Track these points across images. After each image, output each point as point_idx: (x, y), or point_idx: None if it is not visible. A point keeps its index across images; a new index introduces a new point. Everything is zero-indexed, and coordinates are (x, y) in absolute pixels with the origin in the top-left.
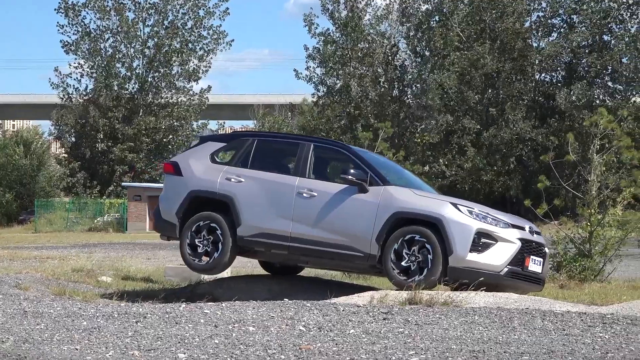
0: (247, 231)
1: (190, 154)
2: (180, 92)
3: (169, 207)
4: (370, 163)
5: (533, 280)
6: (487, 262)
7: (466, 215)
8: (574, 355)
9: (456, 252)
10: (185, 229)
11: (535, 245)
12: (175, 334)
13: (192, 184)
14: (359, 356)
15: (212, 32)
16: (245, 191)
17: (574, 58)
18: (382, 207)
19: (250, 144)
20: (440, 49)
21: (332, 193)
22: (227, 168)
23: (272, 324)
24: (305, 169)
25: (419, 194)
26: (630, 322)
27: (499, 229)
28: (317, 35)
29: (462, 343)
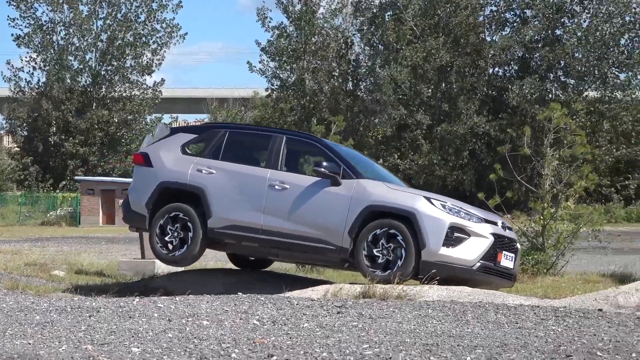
0: (218, 223)
1: (161, 145)
2: (133, 85)
3: (139, 199)
4: (343, 156)
5: (505, 276)
6: (460, 256)
7: (439, 209)
8: (527, 348)
9: (429, 246)
10: (155, 220)
11: (507, 241)
12: (128, 328)
13: (162, 175)
14: (313, 350)
15: (166, 26)
16: (217, 183)
17: (526, 52)
18: (355, 201)
19: (222, 136)
20: (393, 42)
21: (304, 186)
22: (198, 160)
23: (226, 318)
24: (277, 161)
25: (392, 187)
26: (582, 315)
27: (472, 223)
28: (270, 29)
29: (416, 336)
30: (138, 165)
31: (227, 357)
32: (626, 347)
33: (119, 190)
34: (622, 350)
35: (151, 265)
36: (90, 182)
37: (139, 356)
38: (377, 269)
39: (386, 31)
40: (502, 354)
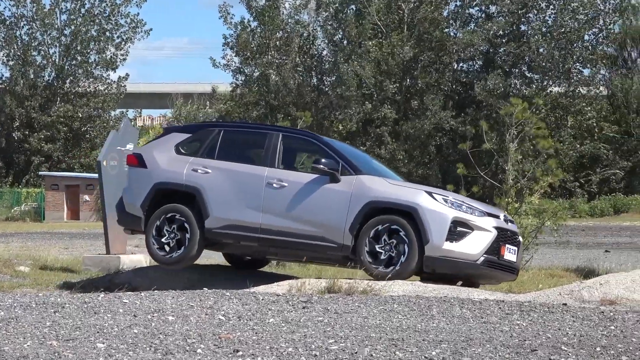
0: (215, 223)
1: (154, 146)
2: (97, 80)
3: (133, 200)
4: (341, 152)
5: (508, 270)
6: (464, 251)
7: (441, 203)
8: (492, 342)
9: (432, 241)
10: (151, 222)
11: (510, 234)
12: (93, 323)
13: (157, 175)
14: (278, 345)
15: (130, 21)
16: (213, 182)
17: (491, 47)
18: (355, 197)
19: (217, 135)
20: (355, 38)
21: (302, 183)
22: (193, 159)
23: (191, 313)
24: (274, 159)
25: (392, 182)
26: (547, 309)
27: (475, 217)
28: (233, 26)
29: (381, 331)
30: (132, 166)
31: (192, 352)
32: (590, 342)
33: (83, 185)
34: (587, 345)
35: (116, 260)
36: (55, 178)
37: (104, 352)
38: (379, 266)
39: (348, 26)
40: (467, 349)
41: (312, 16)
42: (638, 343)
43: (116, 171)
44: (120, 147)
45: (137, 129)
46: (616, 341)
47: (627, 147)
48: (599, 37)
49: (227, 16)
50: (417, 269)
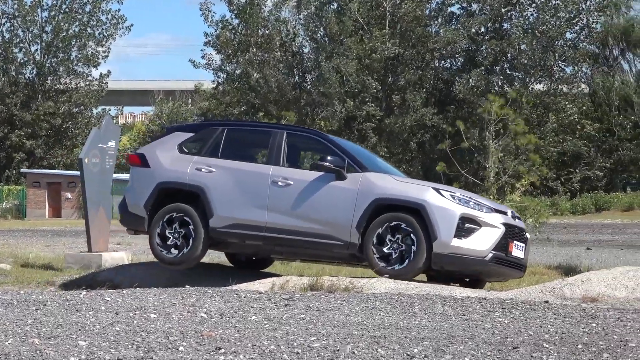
0: (220, 222)
1: (157, 145)
2: (79, 77)
3: (137, 200)
4: (346, 150)
5: (516, 266)
6: (472, 247)
7: (449, 200)
8: (474, 340)
9: (440, 238)
10: (155, 222)
11: (517, 231)
12: (75, 321)
13: (160, 175)
14: (260, 342)
15: (111, 17)
16: (217, 181)
17: (472, 45)
18: (362, 194)
19: (220, 133)
20: (337, 35)
21: (308, 181)
22: (197, 158)
23: (173, 310)
24: (279, 157)
25: (399, 179)
26: (529, 307)
27: (483, 213)
28: (214, 24)
29: (363, 329)
30: (134, 165)
31: (174, 350)
32: (572, 339)
33: (65, 182)
34: (568, 342)
35: (98, 258)
36: (37, 175)
37: (86, 350)
38: (387, 264)
39: (329, 23)
40: (449, 346)
41: (293, 13)
42: (619, 340)
43: (98, 168)
44: (102, 145)
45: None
46: (598, 338)
47: (608, 145)
48: (580, 35)
49: (209, 14)
50: (426, 267)
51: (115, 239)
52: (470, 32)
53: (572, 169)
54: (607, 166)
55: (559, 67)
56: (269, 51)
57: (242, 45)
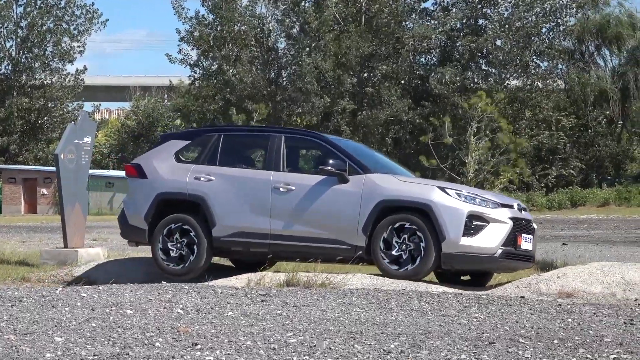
0: (223, 231)
1: (153, 155)
2: (54, 73)
3: (136, 212)
4: (347, 151)
5: (525, 259)
6: (481, 245)
7: (455, 198)
8: (450, 335)
9: (449, 237)
10: (156, 233)
11: (524, 223)
12: (51, 317)
13: (158, 186)
14: (237, 338)
15: (86, 12)
16: (217, 190)
17: (448, 40)
18: (366, 196)
19: (217, 140)
20: (315, 31)
21: (310, 185)
22: (195, 167)
23: (149, 306)
24: (278, 162)
25: (403, 179)
26: (505, 302)
27: (490, 209)
28: (187, 20)
29: (340, 324)
30: (131, 177)
31: (151, 346)
32: (548, 334)
33: (40, 178)
34: (544, 337)
35: (74, 254)
36: (12, 171)
37: (62, 346)
38: (396, 266)
39: (308, 18)
40: (425, 341)
41: (268, 9)
42: (595, 335)
43: (74, 164)
44: (78, 141)
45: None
46: (573, 333)
47: (584, 139)
48: (556, 31)
49: (182, 11)
50: (435, 267)
51: (91, 234)
52: (446, 27)
53: (547, 165)
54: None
55: (534, 62)
56: (244, 47)
57: (217, 40)
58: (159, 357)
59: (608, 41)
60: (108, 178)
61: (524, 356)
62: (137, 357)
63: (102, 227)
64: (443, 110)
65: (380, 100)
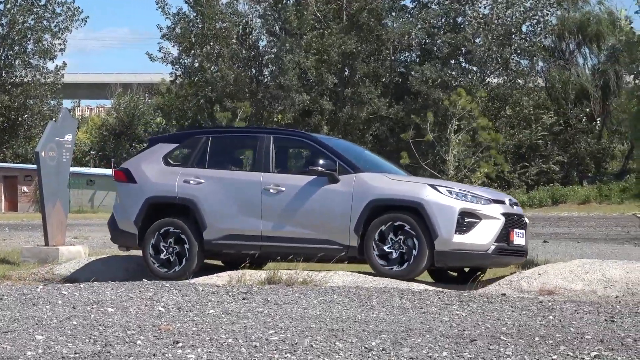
0: (214, 234)
1: (141, 159)
2: (35, 70)
3: (126, 217)
4: (336, 150)
5: (518, 254)
6: (474, 241)
7: (447, 195)
8: (432, 332)
9: (441, 235)
10: (147, 238)
11: (516, 218)
12: (32, 315)
13: (148, 190)
14: (218, 336)
15: (66, 9)
16: (207, 193)
17: (428, 38)
18: (357, 196)
19: (205, 142)
20: (296, 28)
21: (300, 186)
22: (184, 170)
23: (131, 304)
24: (268, 163)
25: (393, 178)
26: (486, 300)
27: (482, 206)
28: (170, 16)
29: (321, 322)
30: (120, 182)
31: (132, 344)
32: (529, 331)
33: (21, 176)
34: (526, 334)
35: (55, 252)
36: None
37: (43, 344)
38: (390, 266)
39: (289, 17)
40: (407, 339)
41: (250, 6)
42: (576, 332)
43: (55, 162)
44: (59, 138)
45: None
46: (554, 331)
47: (564, 137)
48: (537, 29)
49: (165, 6)
50: (429, 265)
51: (72, 232)
52: (425, 25)
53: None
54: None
55: (515, 60)
56: (226, 44)
57: (199, 38)
58: (141, 355)
59: (588, 39)
60: (89, 176)
61: (505, 353)
62: (118, 355)
63: (83, 225)
64: (423, 107)
65: (360, 99)
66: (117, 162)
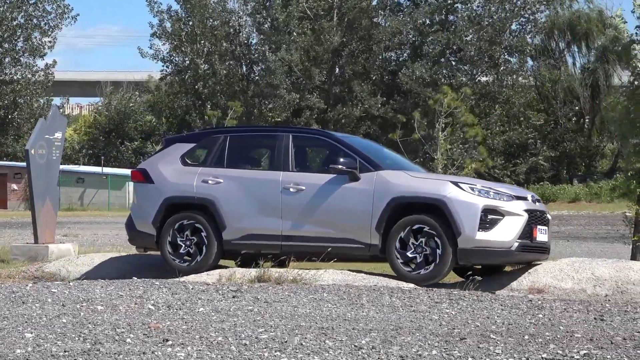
0: (234, 234)
1: (158, 159)
2: (25, 68)
3: (144, 218)
4: (357, 148)
5: (541, 250)
6: (497, 239)
7: (469, 192)
8: (421, 331)
9: (464, 233)
10: (165, 231)
11: (539, 214)
12: (22, 313)
13: (166, 190)
14: (208, 334)
15: (57, 7)
16: (226, 192)
17: (419, 36)
18: (379, 194)
19: (223, 141)
20: (283, 25)
21: (320, 185)
22: (202, 169)
23: (120, 302)
24: (287, 162)
25: (414, 175)
26: (475, 298)
27: (504, 202)
28: (158, 14)
29: (311, 320)
30: (137, 182)
31: (122, 342)
32: (519, 330)
33: (11, 174)
34: (515, 333)
35: (44, 250)
36: None
37: (33, 342)
38: (413, 269)
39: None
40: (397, 337)
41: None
42: (565, 331)
43: (44, 160)
44: (49, 136)
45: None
46: (544, 329)
47: (554, 136)
48: (526, 28)
49: (154, 5)
50: (453, 265)
51: (62, 230)
52: (417, 23)
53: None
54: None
55: (505, 59)
56: (216, 42)
57: (189, 36)
58: (130, 353)
59: (578, 38)
60: (79, 174)
61: (495, 352)
62: (108, 353)
63: (73, 223)
64: (414, 106)
65: (351, 97)
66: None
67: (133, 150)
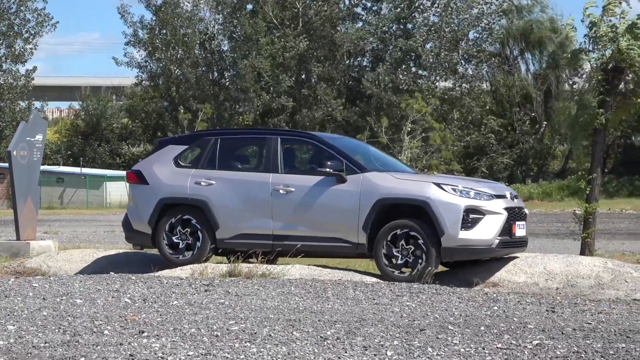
0: (227, 234)
1: (152, 160)
2: (7, 74)
3: (140, 217)
4: (342, 151)
5: (519, 245)
6: (479, 237)
7: (451, 193)
8: (384, 322)
9: (447, 232)
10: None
11: (517, 211)
12: (4, 306)
13: (160, 191)
14: (182, 326)
15: (37, 15)
16: (218, 194)
17: (380, 44)
18: (365, 195)
19: (214, 144)
20: (252, 34)
21: (309, 186)
22: (195, 171)
23: (98, 296)
24: (276, 164)
25: (399, 177)
26: (435, 291)
27: (485, 202)
28: (132, 24)
29: (279, 313)
30: (132, 183)
31: (99, 333)
32: (475, 321)
33: None
34: (472, 324)
35: (26, 246)
36: None
37: (15, 334)
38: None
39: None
40: (360, 329)
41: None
42: (519, 322)
43: (26, 161)
44: (30, 138)
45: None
46: (499, 321)
47: (510, 139)
48: (483, 36)
49: (127, 16)
50: (437, 265)
51: (42, 228)
52: (378, 31)
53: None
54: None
55: (462, 66)
56: (188, 50)
57: (162, 43)
58: (108, 344)
59: (531, 45)
60: (58, 174)
61: (453, 342)
62: (86, 344)
63: (53, 221)
64: (376, 110)
65: (316, 100)
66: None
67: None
